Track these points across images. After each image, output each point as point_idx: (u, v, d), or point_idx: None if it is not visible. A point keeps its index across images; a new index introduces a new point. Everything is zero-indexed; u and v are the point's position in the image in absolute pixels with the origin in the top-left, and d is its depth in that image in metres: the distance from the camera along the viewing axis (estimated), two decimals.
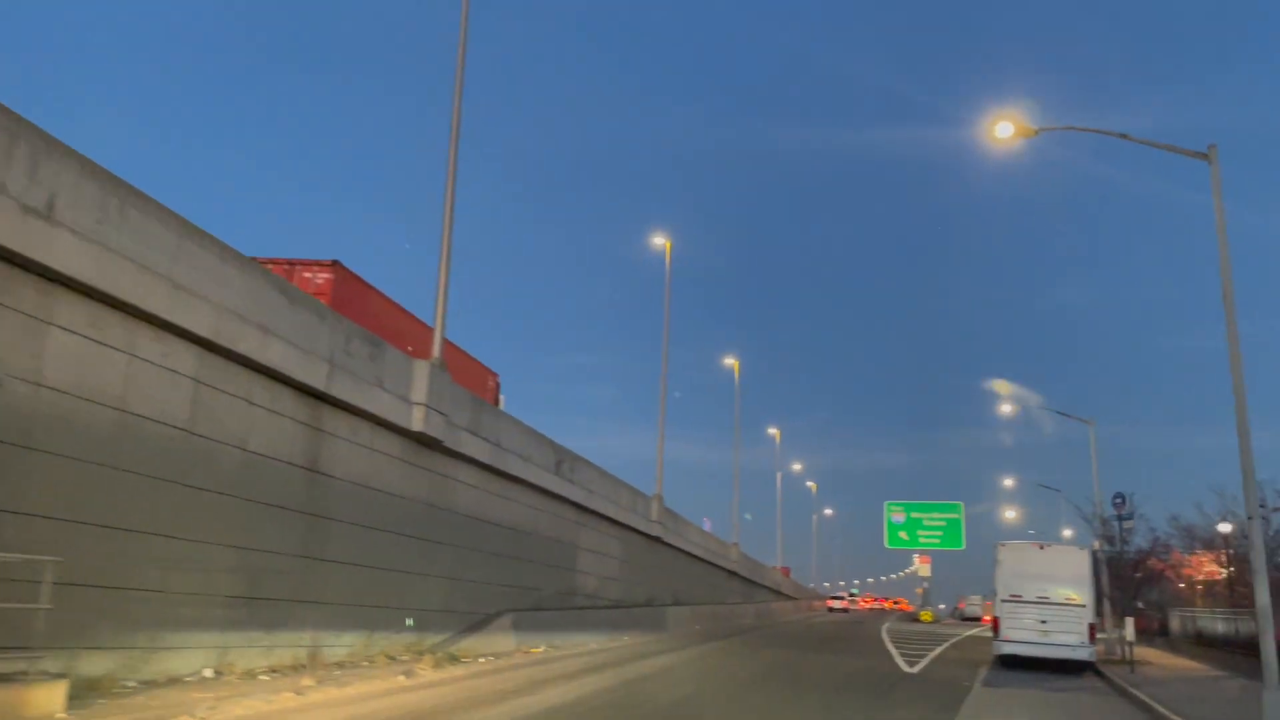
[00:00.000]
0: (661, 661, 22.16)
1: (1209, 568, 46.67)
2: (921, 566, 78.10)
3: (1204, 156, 14.05)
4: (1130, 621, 24.25)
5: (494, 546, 23.48)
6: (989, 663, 26.70)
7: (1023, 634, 24.86)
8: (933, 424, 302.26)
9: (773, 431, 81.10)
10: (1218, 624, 29.55)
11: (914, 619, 71.80)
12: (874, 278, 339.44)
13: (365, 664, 16.54)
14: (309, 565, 16.07)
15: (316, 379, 15.93)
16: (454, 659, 18.86)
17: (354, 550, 17.41)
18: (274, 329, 14.74)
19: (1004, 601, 25.37)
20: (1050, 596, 24.97)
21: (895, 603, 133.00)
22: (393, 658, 17.57)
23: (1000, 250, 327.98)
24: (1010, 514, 78.56)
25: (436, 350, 20.60)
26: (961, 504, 73.78)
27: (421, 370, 19.30)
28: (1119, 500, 27.35)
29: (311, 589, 16.08)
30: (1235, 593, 35.17)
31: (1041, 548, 26.46)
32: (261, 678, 13.69)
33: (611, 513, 32.36)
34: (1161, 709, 15.76)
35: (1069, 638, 24.47)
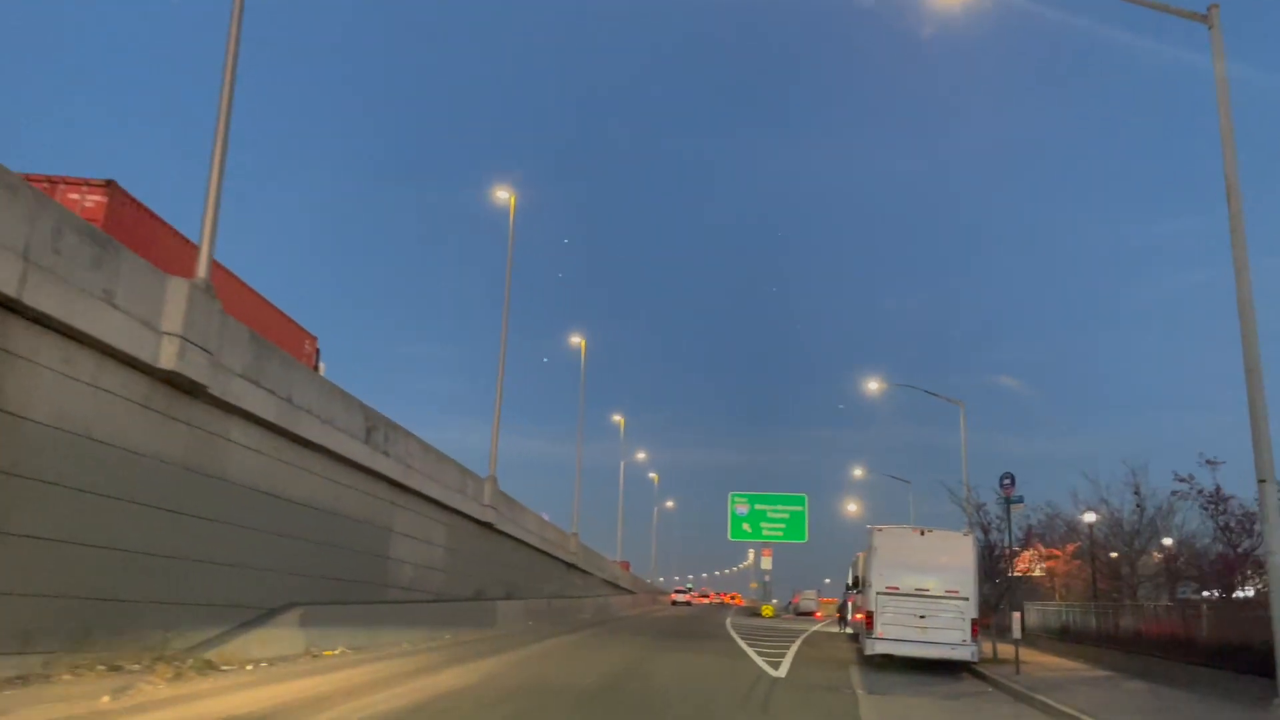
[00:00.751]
0: (489, 665, 18.22)
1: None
2: (764, 559, 76.51)
3: (1203, 19, 11.16)
4: (1018, 617, 21.69)
5: (283, 526, 18.99)
6: (854, 663, 23.92)
7: (899, 630, 21.92)
8: (786, 421, 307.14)
9: (617, 419, 78.45)
10: (1091, 618, 27.67)
11: (754, 614, 70.40)
12: (725, 273, 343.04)
13: (67, 677, 11.92)
14: None
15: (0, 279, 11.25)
16: (209, 666, 14.42)
17: (63, 523, 12.71)
18: None
19: (879, 594, 22.35)
20: (930, 589, 22.16)
21: (731, 597, 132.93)
22: (118, 667, 12.99)
23: (848, 253, 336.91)
24: (852, 507, 77.96)
25: (203, 270, 15.94)
26: (806, 496, 72.46)
27: (178, 291, 14.59)
28: (1007, 481, 24.80)
29: None
30: (1097, 586, 33.78)
31: (922, 533, 23.53)
32: None
33: (436, 493, 28.05)
34: None
35: (950, 635, 21.68)
